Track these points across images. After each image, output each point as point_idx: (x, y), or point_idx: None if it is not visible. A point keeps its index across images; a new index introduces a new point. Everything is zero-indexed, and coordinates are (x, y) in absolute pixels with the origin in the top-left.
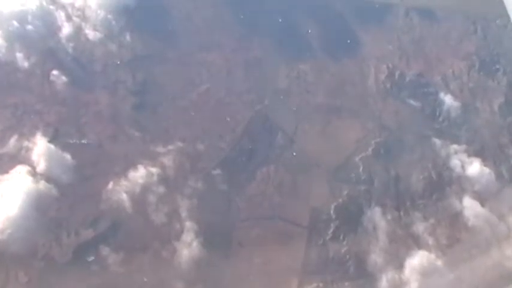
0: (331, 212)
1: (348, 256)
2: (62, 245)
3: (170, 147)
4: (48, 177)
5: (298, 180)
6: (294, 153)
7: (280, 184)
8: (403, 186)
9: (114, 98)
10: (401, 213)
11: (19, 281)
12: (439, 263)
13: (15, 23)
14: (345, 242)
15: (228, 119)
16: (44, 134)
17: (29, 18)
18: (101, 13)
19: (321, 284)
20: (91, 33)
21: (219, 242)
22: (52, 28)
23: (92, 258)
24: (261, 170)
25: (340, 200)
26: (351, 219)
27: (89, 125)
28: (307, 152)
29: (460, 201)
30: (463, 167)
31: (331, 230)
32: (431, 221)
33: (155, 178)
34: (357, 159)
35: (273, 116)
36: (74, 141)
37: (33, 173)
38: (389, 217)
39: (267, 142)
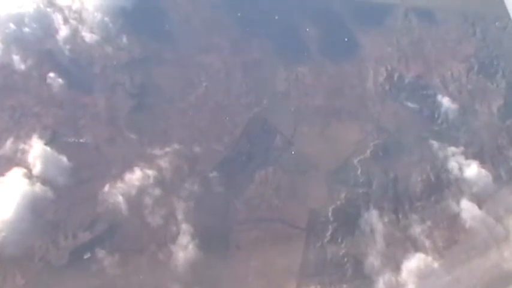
0: (329, 214)
1: (345, 259)
2: (59, 248)
3: (167, 149)
4: (44, 180)
5: (297, 182)
6: (293, 152)
7: (279, 186)
8: (401, 188)
9: (112, 100)
10: (400, 215)
11: (16, 284)
12: (436, 265)
13: (12, 25)
14: (343, 245)
15: (227, 121)
16: (41, 137)
17: (26, 20)
18: (98, 15)
19: (318, 287)
20: (88, 36)
21: (217, 244)
22: (49, 30)
23: (88, 255)
24: (259, 172)
25: (339, 203)
26: (349, 221)
27: (87, 127)
28: (305, 154)
29: (458, 203)
30: (460, 169)
31: (329, 233)
32: (429, 223)
33: (151, 180)
34: (355, 161)
35: (272, 119)
36: (72, 140)
37: (29, 176)
38: (387, 220)
39: (265, 144)
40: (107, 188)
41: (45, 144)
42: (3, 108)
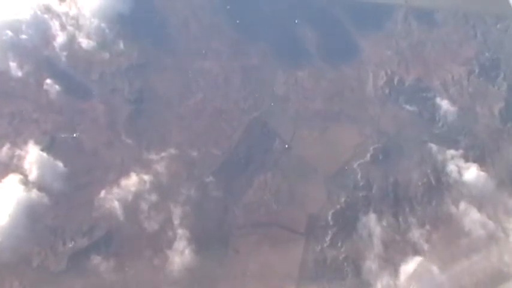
0: (329, 218)
1: (345, 263)
2: (56, 253)
3: (164, 154)
4: (40, 186)
5: (296, 186)
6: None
7: (278, 191)
8: (401, 192)
9: (110, 106)
10: (399, 219)
11: None
12: (434, 268)
13: (8, 32)
14: (342, 249)
15: (225, 125)
16: (37, 142)
17: (23, 27)
18: (95, 21)
19: None
20: (85, 42)
21: (215, 248)
22: (46, 37)
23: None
24: (258, 176)
25: (338, 207)
26: (348, 225)
27: (85, 132)
28: (304, 158)
29: (457, 206)
30: (459, 172)
31: (329, 237)
32: (428, 227)
33: (148, 186)
34: (355, 165)
35: (270, 123)
36: (69, 143)
37: (25, 182)
38: (386, 223)
39: (264, 148)
40: (103, 193)
41: (42, 150)
42: (1, 115)
